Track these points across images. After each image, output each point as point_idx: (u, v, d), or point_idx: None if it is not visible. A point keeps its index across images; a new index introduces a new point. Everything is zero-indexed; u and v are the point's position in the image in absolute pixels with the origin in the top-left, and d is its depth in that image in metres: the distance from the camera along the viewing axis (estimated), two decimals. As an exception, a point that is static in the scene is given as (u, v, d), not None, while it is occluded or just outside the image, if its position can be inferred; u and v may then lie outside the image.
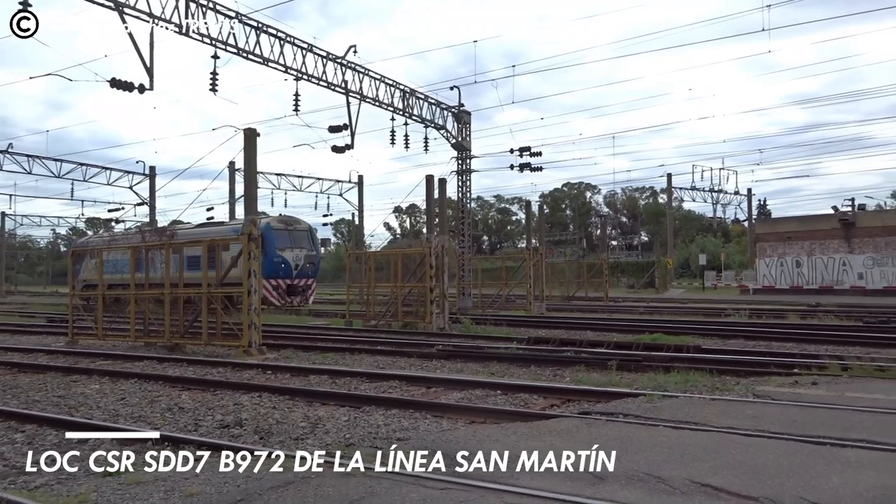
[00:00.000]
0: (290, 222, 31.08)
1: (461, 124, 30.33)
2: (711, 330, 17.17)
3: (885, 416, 6.61)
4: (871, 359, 11.18)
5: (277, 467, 5.28)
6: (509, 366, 11.70)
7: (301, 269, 30.04)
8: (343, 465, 5.19)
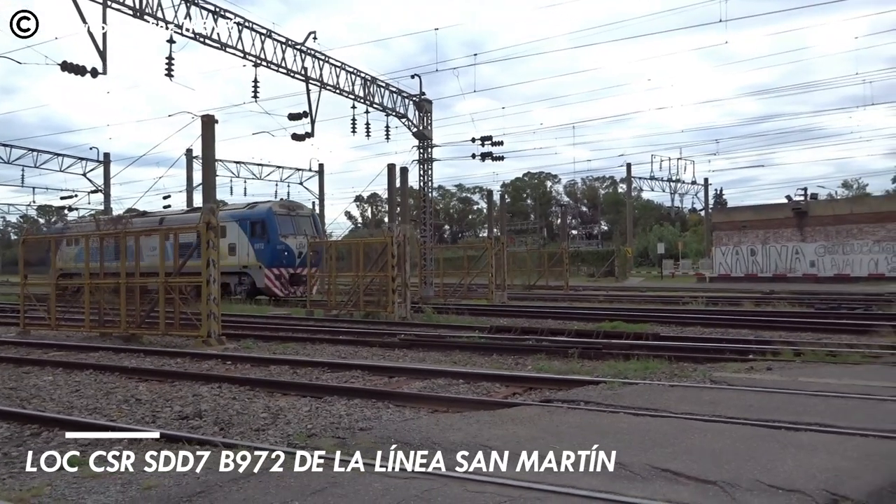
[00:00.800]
0: (293, 207, 29.42)
1: (422, 113, 30.21)
2: (670, 317, 17.46)
3: (836, 399, 6.80)
4: (823, 344, 11.51)
5: (238, 458, 5.21)
6: (471, 355, 11.73)
7: (304, 258, 27.65)
8: (305, 455, 5.14)
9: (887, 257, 37.29)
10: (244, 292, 28.00)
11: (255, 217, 27.90)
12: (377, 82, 28.82)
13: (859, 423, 5.78)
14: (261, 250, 27.33)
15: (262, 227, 27.48)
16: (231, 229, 27.59)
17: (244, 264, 27.65)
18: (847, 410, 6.31)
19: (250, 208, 28.93)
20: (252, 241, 27.58)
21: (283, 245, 27.56)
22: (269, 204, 29.00)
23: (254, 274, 27.48)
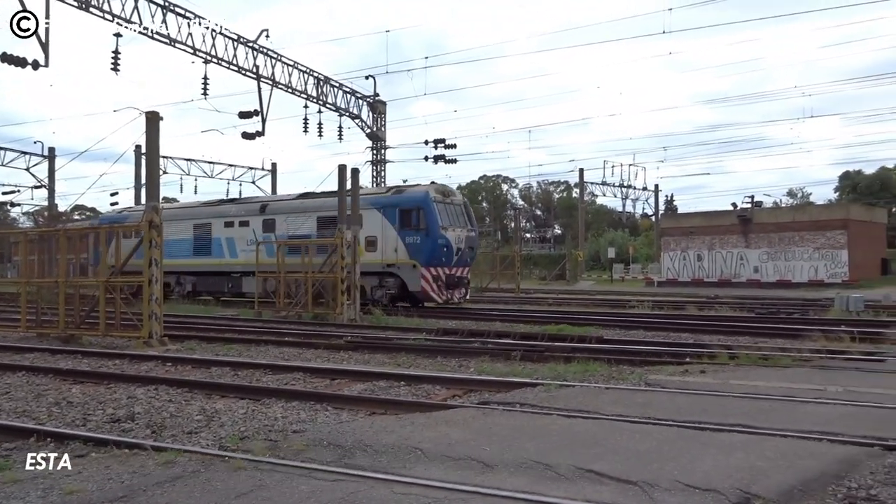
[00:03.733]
0: (447, 193, 23.96)
1: (376, 114, 30.21)
2: (615, 321, 17.76)
3: (761, 401, 7.03)
4: (758, 348, 11.87)
5: (165, 462, 5.14)
6: (416, 357, 11.76)
7: (461, 256, 23.17)
8: (232, 457, 5.10)
9: (826, 264, 38.61)
10: (387, 296, 22.90)
11: (408, 203, 22.73)
12: (330, 82, 28.70)
13: (779, 423, 5.99)
14: (416, 245, 22.19)
15: (417, 215, 22.36)
16: (370, 218, 22.91)
17: (390, 262, 22.64)
18: (769, 412, 6.53)
19: (397, 192, 23.73)
20: (402, 233, 22.43)
21: (444, 239, 22.41)
22: (424, 188, 23.44)
23: (404, 274, 22.42)
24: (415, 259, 22.05)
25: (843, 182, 75.29)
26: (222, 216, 26.78)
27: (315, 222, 23.87)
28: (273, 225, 24.88)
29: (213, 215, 27.13)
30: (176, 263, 26.49)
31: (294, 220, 24.45)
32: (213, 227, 26.75)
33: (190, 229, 27.25)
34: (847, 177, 74.64)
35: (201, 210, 28.33)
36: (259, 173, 47.89)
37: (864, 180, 72.72)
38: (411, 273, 22.19)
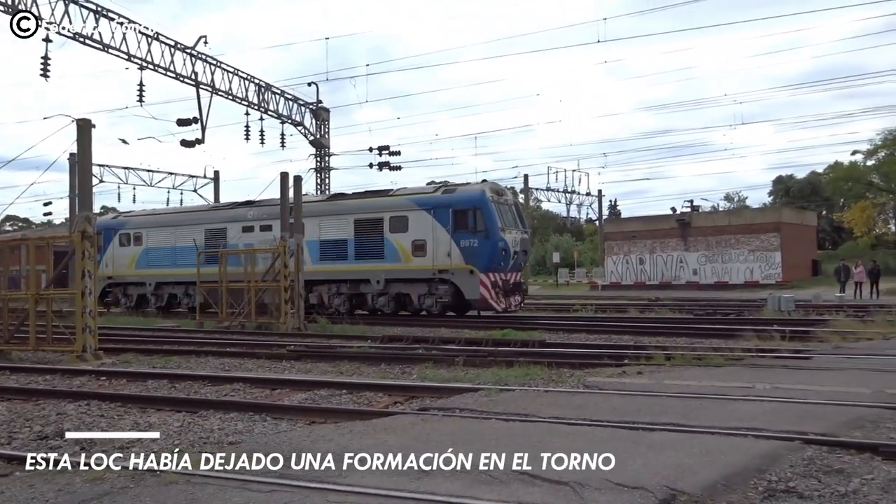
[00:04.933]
0: (500, 192, 22.18)
1: (319, 121, 30.02)
2: (558, 325, 18.03)
3: (692, 400, 7.25)
4: (693, 348, 12.22)
5: (94, 478, 5.01)
6: (359, 365, 11.71)
7: (516, 260, 21.44)
8: (164, 471, 5.01)
9: (761, 266, 39.94)
10: (438, 305, 20.93)
11: (463, 203, 20.70)
12: (272, 89, 28.40)
13: (708, 421, 6.19)
14: (473, 249, 20.24)
15: (474, 216, 20.40)
16: (417, 220, 21.02)
17: (442, 267, 20.59)
18: (700, 410, 6.74)
19: (448, 191, 21.49)
20: (456, 235, 20.42)
21: (503, 242, 20.52)
22: (479, 186, 21.51)
23: (459, 280, 20.38)
24: (471, 264, 20.12)
25: (776, 186, 78.05)
26: (239, 220, 24.41)
27: (352, 225, 21.95)
28: (301, 229, 22.25)
29: (228, 220, 24.73)
30: (185, 273, 24.59)
31: (327, 224, 22.37)
32: (229, 232, 24.44)
33: (201, 235, 24.86)
34: (780, 181, 77.40)
35: (213, 214, 25.98)
36: (201, 181, 46.96)
37: (796, 185, 75.57)
38: (468, 280, 20.19)
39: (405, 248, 20.89)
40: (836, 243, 68.92)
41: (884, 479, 4.70)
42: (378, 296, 21.65)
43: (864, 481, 4.68)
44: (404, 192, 22.43)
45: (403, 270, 20.95)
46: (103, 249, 26.91)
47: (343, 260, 21.48)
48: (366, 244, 21.55)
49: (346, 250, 21.74)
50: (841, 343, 12.66)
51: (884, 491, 4.51)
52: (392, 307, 21.59)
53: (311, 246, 22.36)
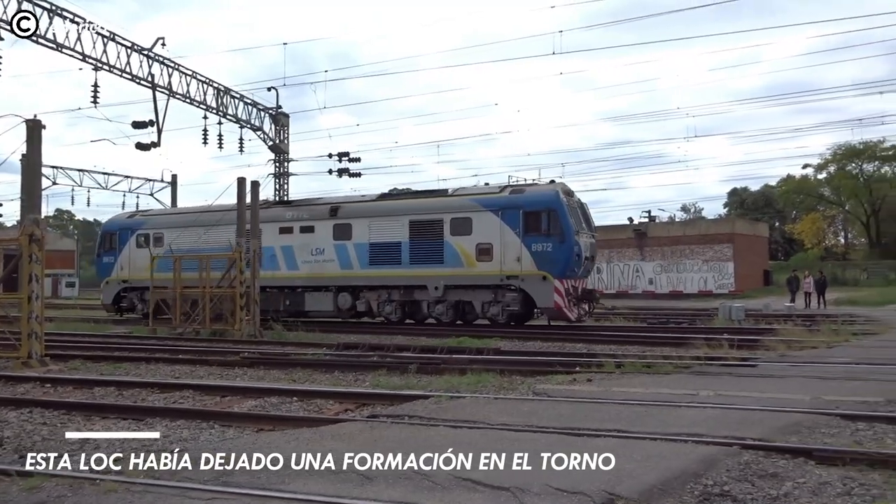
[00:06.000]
0: (570, 192, 20.65)
1: (279, 126, 29.76)
2: (513, 333, 18.16)
3: (638, 407, 7.38)
4: (644, 356, 12.43)
5: (31, 487, 4.90)
6: (313, 372, 11.65)
7: (586, 266, 20.55)
8: (103, 480, 4.93)
9: (714, 275, 40.81)
10: (505, 314, 19.67)
11: (535, 205, 19.42)
12: (231, 93, 28.09)
13: (651, 427, 6.32)
14: (546, 253, 19.00)
15: (547, 219, 19.15)
16: (482, 222, 19.72)
17: (511, 273, 19.31)
18: (645, 416, 6.87)
19: (517, 192, 20.07)
20: (527, 239, 19.18)
21: (578, 246, 19.37)
22: (551, 186, 20.20)
23: (530, 287, 19.13)
24: (545, 270, 18.89)
25: (731, 198, 79.86)
26: (275, 221, 22.72)
27: (407, 227, 20.54)
28: (349, 231, 21.38)
29: (264, 220, 22.34)
30: (212, 277, 22.81)
31: (378, 225, 21.00)
32: (264, 234, 22.11)
33: (231, 237, 22.79)
34: (735, 193, 79.22)
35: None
36: (158, 185, 46.17)
37: (750, 197, 77.46)
38: (540, 286, 18.93)
39: (468, 253, 19.63)
40: (788, 254, 70.76)
41: (815, 483, 4.87)
42: (435, 303, 20.39)
43: (796, 485, 4.83)
44: (466, 192, 21.19)
45: (466, 276, 19.56)
46: (118, 251, 25.70)
47: (396, 264, 20.20)
48: (423, 247, 20.21)
49: (399, 254, 20.40)
50: (786, 351, 12.99)
51: (814, 494, 4.67)
52: (451, 316, 20.28)
53: (360, 249, 21.09)
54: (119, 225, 26.77)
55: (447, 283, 19.94)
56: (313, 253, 21.97)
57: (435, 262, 19.77)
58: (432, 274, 19.66)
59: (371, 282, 20.85)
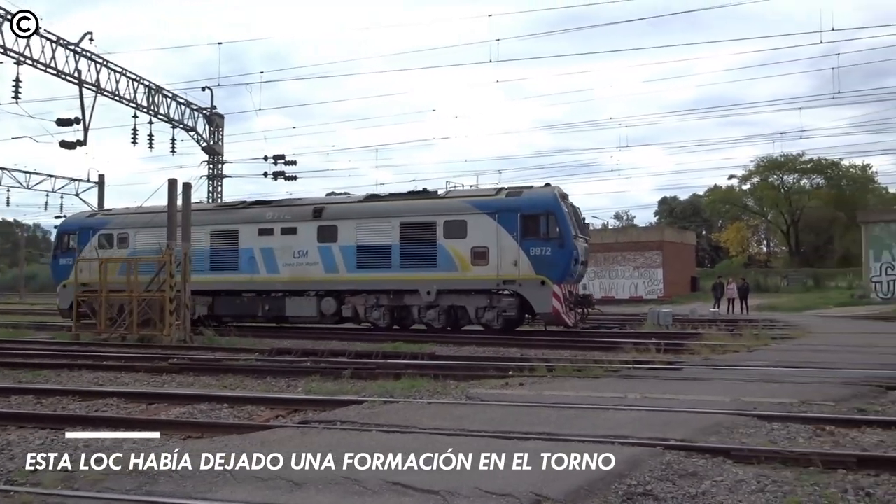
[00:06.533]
0: (565, 196, 20.17)
1: (213, 127, 29.18)
2: (449, 338, 18.25)
3: (568, 410, 7.54)
4: (575, 360, 12.68)
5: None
6: (244, 378, 11.45)
7: (581, 270, 20.56)
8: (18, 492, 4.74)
9: (644, 282, 41.96)
10: (500, 320, 19.34)
11: (534, 208, 19.11)
12: (163, 92, 27.41)
13: (580, 430, 6.46)
14: (545, 257, 18.71)
15: (546, 222, 18.91)
16: (478, 225, 19.32)
17: (508, 278, 18.94)
18: (574, 419, 7.02)
19: (513, 194, 19.81)
20: (525, 242, 18.85)
21: (576, 251, 19.25)
22: (549, 189, 19.91)
23: (528, 293, 18.81)
24: (543, 274, 18.57)
25: (661, 206, 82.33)
26: (254, 222, 22.01)
27: (398, 229, 20.03)
28: (334, 232, 20.70)
29: (241, 221, 22.29)
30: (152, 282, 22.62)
31: (367, 227, 20.41)
32: (242, 235, 22.00)
33: (206, 238, 22.32)
34: (665, 202, 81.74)
35: (221, 215, 23.24)
36: (84, 185, 44.53)
37: (679, 206, 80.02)
38: (539, 291, 18.60)
39: (463, 256, 19.11)
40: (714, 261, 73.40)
41: (732, 481, 5.07)
42: (427, 308, 19.87)
43: (714, 483, 5.03)
44: (460, 194, 20.77)
45: (461, 281, 19.10)
46: (77, 252, 23.86)
47: (385, 268, 19.57)
48: (415, 251, 19.64)
49: (389, 257, 19.80)
50: (710, 355, 13.47)
51: (730, 491, 4.87)
52: (443, 321, 19.85)
53: (347, 252, 20.45)
54: (79, 224, 25.18)
55: (440, 288, 19.46)
56: (296, 255, 21.21)
57: (427, 265, 19.32)
58: (425, 278, 19.16)
59: (358, 286, 20.31)
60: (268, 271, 21.57)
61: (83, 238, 24.55)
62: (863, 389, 8.88)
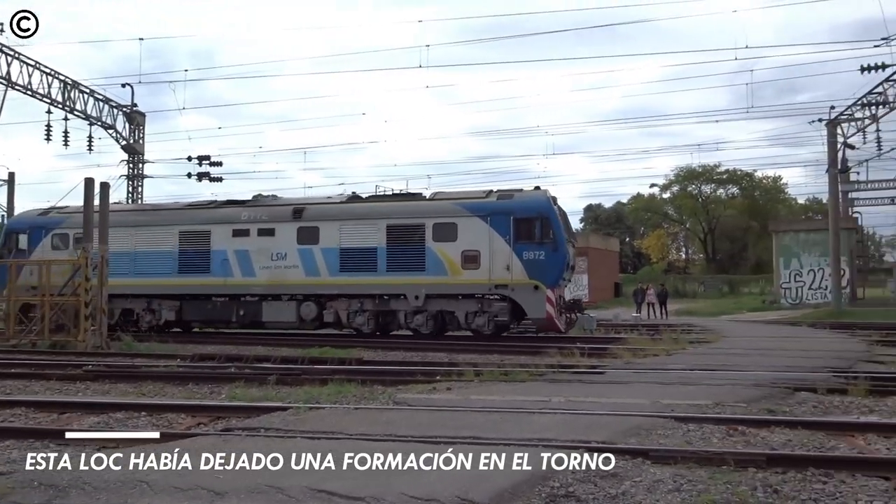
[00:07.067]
0: (555, 199, 20.02)
1: (133, 125, 28.21)
2: (379, 343, 18.19)
3: (494, 414, 7.62)
4: (502, 364, 12.84)
5: None
6: (165, 385, 11.10)
7: (569, 274, 20.49)
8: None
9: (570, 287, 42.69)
10: (492, 325, 19.12)
11: (527, 211, 18.96)
12: (80, 87, 26.32)
13: (505, 433, 6.54)
14: (538, 262, 18.50)
15: (540, 226, 18.72)
16: (469, 228, 19.03)
17: (500, 282, 18.66)
18: (500, 423, 7.10)
19: (505, 197, 19.61)
20: (518, 246, 18.63)
21: (568, 255, 19.18)
22: (541, 193, 19.84)
23: (520, 297, 18.62)
24: (536, 279, 18.41)
25: (587, 214, 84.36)
26: (228, 222, 21.06)
27: (384, 232, 19.52)
28: (316, 234, 20.05)
29: (213, 221, 21.27)
30: (146, 284, 21.06)
31: (351, 229, 19.84)
32: (214, 236, 21.00)
33: (173, 239, 21.32)
34: (590, 209, 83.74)
35: (191, 214, 22.06)
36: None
37: (604, 213, 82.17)
38: (532, 296, 18.42)
39: (453, 260, 18.70)
40: (637, 267, 75.65)
41: (650, 481, 5.23)
42: (414, 314, 19.41)
43: (633, 483, 5.18)
44: (450, 197, 20.37)
45: (451, 285, 18.75)
46: (27, 253, 22.28)
47: (371, 272, 19.01)
48: (402, 254, 19.18)
49: (375, 260, 19.27)
50: (631, 359, 13.87)
51: (649, 491, 5.03)
52: (431, 327, 19.40)
53: (329, 254, 19.78)
54: (29, 223, 23.59)
55: (429, 292, 19.06)
56: (274, 258, 20.36)
57: (415, 269, 18.90)
58: (412, 282, 18.74)
59: (341, 290, 19.71)
60: (243, 274, 20.72)
61: (35, 238, 23.02)
62: (772, 391, 9.31)
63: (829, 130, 33.24)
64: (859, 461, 5.75)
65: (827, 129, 33.35)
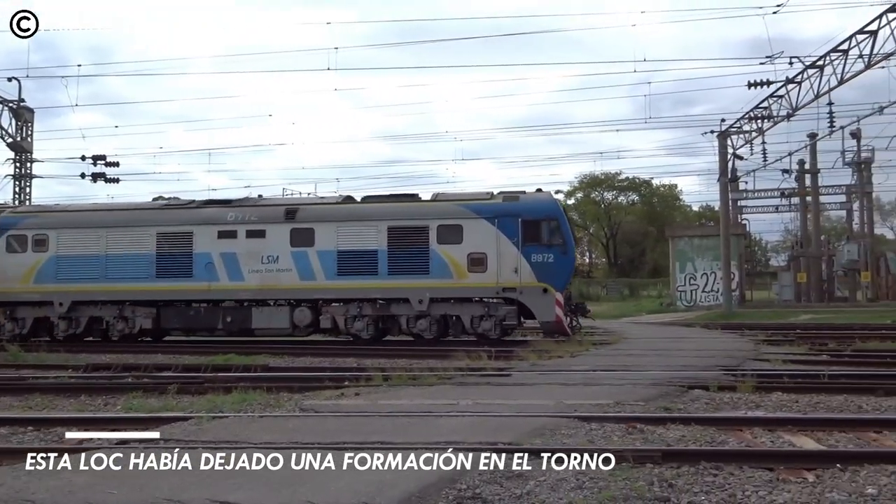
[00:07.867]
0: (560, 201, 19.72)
1: (21, 122, 26.58)
2: (285, 349, 17.82)
3: (402, 418, 7.63)
4: (411, 368, 12.86)
5: None
6: (55, 397, 10.45)
7: None
8: None
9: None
10: (498, 329, 18.46)
11: (535, 213, 18.54)
12: (-40, 80, 24.56)
13: (414, 437, 6.57)
14: (548, 264, 18.11)
15: (549, 228, 18.35)
16: (475, 230, 18.40)
17: (508, 285, 18.08)
18: (408, 427, 7.12)
19: (511, 199, 19.05)
20: (527, 249, 18.11)
21: (574, 256, 19.12)
22: (548, 195, 19.60)
23: (529, 300, 18.09)
24: (546, 282, 17.99)
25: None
26: (213, 223, 19.57)
27: (385, 234, 18.63)
28: (311, 236, 18.93)
29: (195, 222, 19.75)
30: (118, 289, 19.41)
31: (349, 231, 18.90)
32: (197, 238, 19.49)
33: (150, 240, 19.67)
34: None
35: (170, 214, 20.41)
36: None
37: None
38: (541, 299, 17.99)
39: (458, 263, 18.01)
40: (543, 272, 77.27)
41: (553, 480, 5.37)
42: (416, 318, 18.58)
43: (537, 483, 5.30)
44: (454, 198, 19.63)
45: (457, 288, 18.20)
46: None
47: (372, 275, 18.15)
48: (405, 257, 18.33)
49: (375, 263, 18.38)
50: (537, 361, 14.16)
51: (552, 490, 5.16)
52: (434, 331, 18.65)
53: (325, 257, 18.71)
54: None
55: (433, 296, 18.35)
56: (264, 261, 19.04)
57: (419, 272, 18.25)
58: (416, 286, 18.08)
59: (339, 294, 18.80)
60: (230, 278, 19.37)
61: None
62: (668, 389, 9.74)
63: (720, 142, 35.18)
64: (746, 454, 6.10)
65: (718, 141, 35.28)
